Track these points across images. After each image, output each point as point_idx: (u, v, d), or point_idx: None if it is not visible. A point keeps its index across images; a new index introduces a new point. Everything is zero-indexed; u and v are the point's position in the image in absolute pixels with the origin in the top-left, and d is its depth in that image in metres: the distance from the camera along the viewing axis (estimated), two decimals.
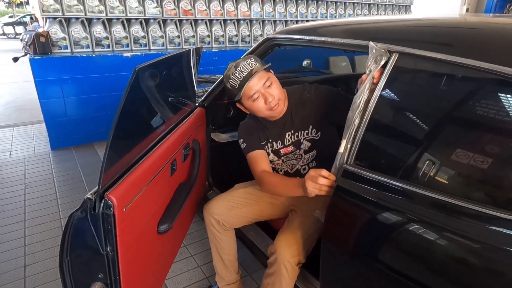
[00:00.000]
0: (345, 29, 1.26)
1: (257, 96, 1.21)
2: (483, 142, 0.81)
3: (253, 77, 1.17)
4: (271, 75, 1.25)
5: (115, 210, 0.86)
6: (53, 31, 3.16)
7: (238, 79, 1.18)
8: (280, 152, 1.36)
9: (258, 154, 1.32)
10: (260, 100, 1.22)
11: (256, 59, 1.22)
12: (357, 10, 5.29)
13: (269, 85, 1.21)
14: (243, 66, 1.18)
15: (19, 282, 1.68)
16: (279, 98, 1.24)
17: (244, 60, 1.20)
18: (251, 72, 1.18)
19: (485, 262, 0.74)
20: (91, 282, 0.93)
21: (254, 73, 1.18)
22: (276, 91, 1.23)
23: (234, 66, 1.20)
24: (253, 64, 1.19)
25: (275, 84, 1.24)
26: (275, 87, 1.23)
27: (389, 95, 0.95)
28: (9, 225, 2.14)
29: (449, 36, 0.96)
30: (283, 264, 1.13)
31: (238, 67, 1.19)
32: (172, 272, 1.75)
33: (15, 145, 3.47)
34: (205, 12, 3.95)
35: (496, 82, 0.79)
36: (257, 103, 1.22)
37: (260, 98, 1.21)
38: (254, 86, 1.19)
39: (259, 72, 1.18)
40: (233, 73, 1.19)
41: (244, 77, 1.17)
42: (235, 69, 1.19)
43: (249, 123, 1.40)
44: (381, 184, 0.88)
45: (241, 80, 1.18)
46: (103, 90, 3.38)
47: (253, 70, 1.18)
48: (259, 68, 1.19)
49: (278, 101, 1.24)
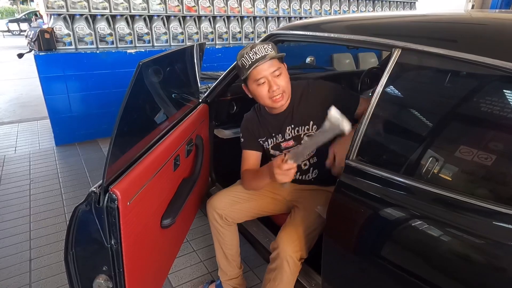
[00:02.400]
0: (349, 25, 1.25)
1: (263, 81, 1.22)
2: (487, 138, 0.81)
3: (265, 61, 1.18)
4: (283, 66, 1.25)
5: (119, 204, 0.87)
6: (58, 27, 3.18)
7: (250, 59, 1.19)
8: (281, 146, 1.36)
9: (248, 154, 1.40)
10: (265, 87, 1.22)
11: (273, 46, 1.23)
12: (361, 7, 5.25)
13: (278, 75, 1.22)
14: (258, 48, 1.19)
15: (25, 276, 1.70)
16: (284, 90, 1.24)
17: (261, 44, 1.21)
18: (264, 56, 1.18)
19: (489, 257, 0.74)
20: (95, 274, 0.94)
21: (267, 58, 1.18)
22: (283, 82, 1.24)
23: (251, 46, 1.21)
24: (269, 50, 1.20)
25: (284, 75, 1.24)
26: (283, 79, 1.24)
27: (392, 91, 0.95)
28: (14, 219, 2.17)
29: (453, 31, 0.95)
30: (285, 260, 1.13)
31: (254, 48, 1.20)
32: (175, 266, 1.76)
33: (20, 141, 3.50)
34: (209, 8, 3.95)
35: (501, 78, 0.79)
36: (261, 88, 1.23)
37: (265, 84, 1.22)
38: (263, 70, 1.20)
39: (272, 58, 1.19)
40: (247, 52, 1.20)
41: (257, 59, 1.18)
42: (250, 49, 1.20)
43: (251, 118, 1.42)
44: (384, 180, 0.88)
45: (252, 61, 1.19)
46: (107, 87, 3.40)
47: (267, 55, 1.18)
48: (273, 55, 1.20)
49: (282, 93, 1.24)
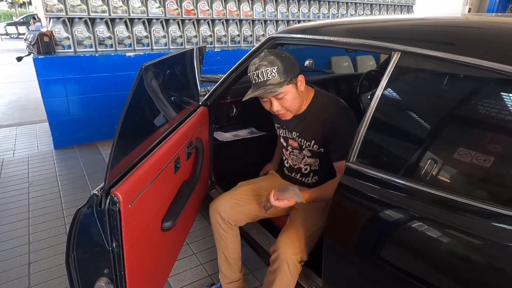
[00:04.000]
0: (347, 28, 1.27)
1: (265, 100, 1.22)
2: (485, 141, 0.82)
3: (265, 92, 1.13)
4: (289, 89, 1.16)
5: (121, 206, 0.87)
6: (57, 30, 3.18)
7: (254, 80, 1.16)
8: (289, 141, 1.39)
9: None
10: (267, 104, 1.23)
11: (279, 69, 1.11)
12: (359, 11, 5.29)
13: (281, 97, 1.17)
14: (261, 72, 1.12)
15: (24, 279, 1.69)
16: (288, 109, 1.22)
17: (266, 67, 1.12)
18: (264, 82, 1.13)
19: (487, 258, 0.75)
20: (96, 277, 0.94)
21: (268, 90, 1.12)
22: (287, 103, 1.19)
23: (256, 67, 1.13)
24: (272, 75, 1.11)
25: (289, 96, 1.17)
26: (288, 100, 1.18)
27: (391, 94, 0.96)
28: (13, 223, 2.16)
29: (451, 35, 0.97)
30: (285, 262, 1.13)
31: (257, 71, 1.13)
32: (175, 269, 1.76)
33: (19, 144, 3.49)
34: (208, 12, 3.96)
35: (498, 81, 0.80)
36: (264, 103, 1.25)
37: (268, 102, 1.22)
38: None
39: (273, 86, 1.12)
40: (252, 71, 1.15)
41: (257, 83, 1.15)
42: (254, 70, 1.14)
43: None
44: (384, 182, 0.89)
45: (253, 84, 1.17)
46: (106, 90, 3.38)
47: (268, 81, 1.12)
48: (275, 81, 1.12)
49: (286, 111, 1.23)
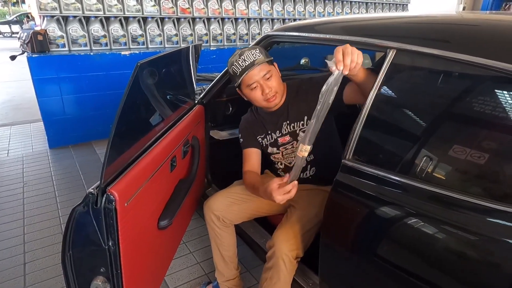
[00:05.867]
0: (344, 26, 1.27)
1: (255, 85, 1.26)
2: (480, 138, 0.83)
3: (254, 67, 1.22)
4: (273, 68, 1.29)
5: (117, 205, 0.87)
6: (51, 29, 3.15)
7: (240, 66, 1.24)
8: (278, 141, 1.39)
9: (249, 152, 1.42)
10: (258, 90, 1.27)
11: (261, 50, 1.27)
12: (355, 9, 5.30)
13: (268, 77, 1.26)
14: (247, 55, 1.23)
15: (19, 279, 1.68)
16: (276, 91, 1.29)
17: (249, 50, 1.25)
18: (253, 62, 1.22)
19: (483, 253, 0.76)
20: (93, 276, 0.94)
21: (256, 64, 1.22)
22: (275, 84, 1.28)
23: (239, 54, 1.25)
24: (257, 55, 1.24)
25: (275, 77, 1.28)
26: (274, 80, 1.28)
27: (386, 91, 0.96)
28: (8, 223, 2.14)
29: (446, 32, 0.97)
30: (281, 258, 1.14)
31: (242, 55, 1.24)
32: (171, 268, 1.75)
33: (13, 143, 3.46)
34: (203, 10, 3.95)
35: (493, 78, 0.80)
36: (254, 92, 1.28)
37: (258, 88, 1.27)
38: (254, 76, 1.24)
39: (260, 63, 1.23)
40: (236, 60, 1.24)
41: (246, 66, 1.23)
42: (239, 57, 1.24)
43: (248, 118, 1.47)
44: (380, 179, 0.89)
45: (242, 68, 1.23)
46: (101, 89, 3.36)
47: (256, 61, 1.23)
48: (261, 60, 1.24)
49: (275, 93, 1.28)
